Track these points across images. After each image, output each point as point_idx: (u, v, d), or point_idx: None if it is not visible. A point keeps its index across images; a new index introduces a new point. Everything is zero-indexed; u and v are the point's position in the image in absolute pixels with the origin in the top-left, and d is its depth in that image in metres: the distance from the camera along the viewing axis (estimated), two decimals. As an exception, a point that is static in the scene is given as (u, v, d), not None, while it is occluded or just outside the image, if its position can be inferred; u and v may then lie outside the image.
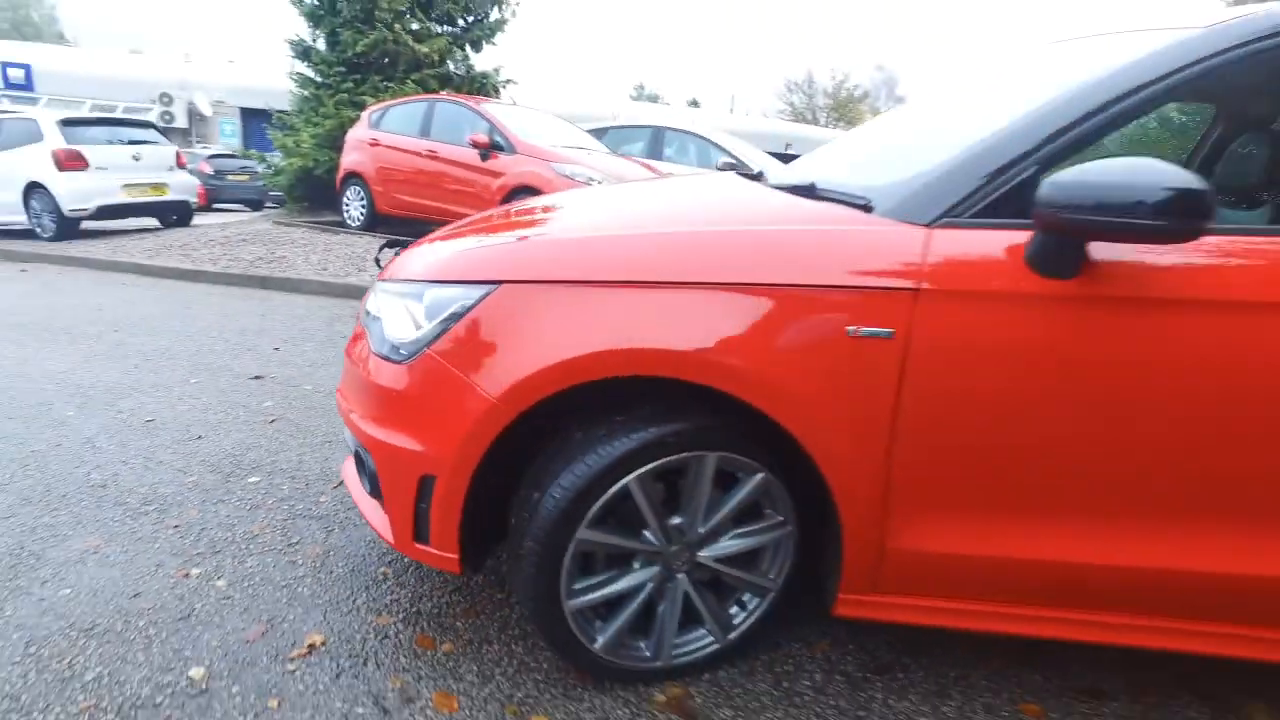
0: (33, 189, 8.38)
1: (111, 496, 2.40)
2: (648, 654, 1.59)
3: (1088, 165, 1.23)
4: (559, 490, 1.41)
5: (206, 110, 28.24)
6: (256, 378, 3.73)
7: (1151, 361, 1.31)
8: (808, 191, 1.61)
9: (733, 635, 1.63)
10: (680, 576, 1.56)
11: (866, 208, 1.43)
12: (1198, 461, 1.35)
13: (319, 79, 10.29)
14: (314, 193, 10.28)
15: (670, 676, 1.61)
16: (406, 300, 1.59)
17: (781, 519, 1.55)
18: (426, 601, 1.88)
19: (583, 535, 1.44)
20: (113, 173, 8.55)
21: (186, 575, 1.97)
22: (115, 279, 6.76)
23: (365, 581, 1.96)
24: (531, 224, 1.79)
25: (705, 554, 1.55)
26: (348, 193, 8.73)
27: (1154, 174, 1.17)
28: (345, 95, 9.90)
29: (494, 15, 11.09)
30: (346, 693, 1.56)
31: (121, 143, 8.87)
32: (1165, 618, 1.46)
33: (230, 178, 16.57)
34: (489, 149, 7.27)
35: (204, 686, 1.56)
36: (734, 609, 1.64)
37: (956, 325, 1.32)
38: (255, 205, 16.05)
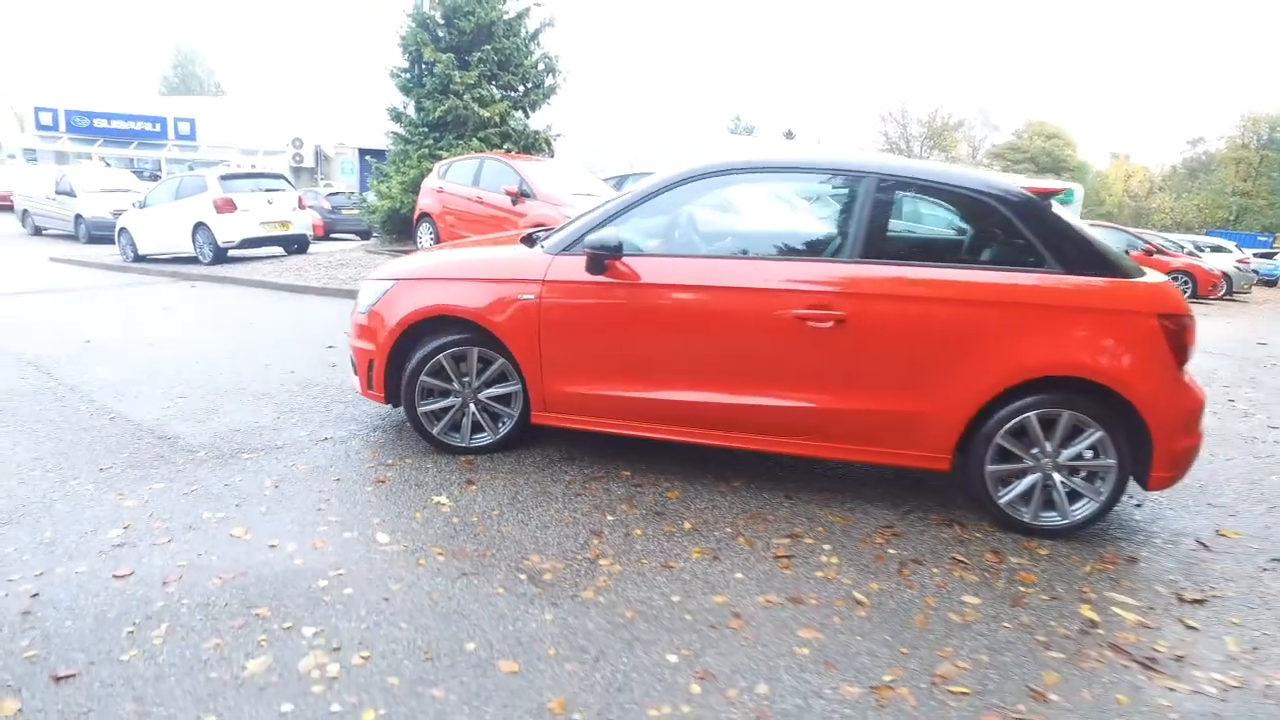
0: (198, 227, 11.41)
1: (246, 393, 4.68)
2: (459, 440, 3.64)
3: (600, 231, 3.22)
4: (415, 359, 3.51)
5: (330, 151, 32.62)
6: (330, 346, 6.05)
7: (637, 307, 3.26)
8: (530, 241, 3.65)
9: (499, 437, 3.65)
10: (471, 406, 3.60)
11: (542, 248, 3.46)
12: (666, 350, 3.26)
13: (408, 137, 13.04)
14: (400, 227, 12.98)
15: (469, 452, 3.65)
16: (370, 286, 3.74)
17: (514, 381, 3.56)
18: (379, 428, 4.01)
19: (423, 379, 3.52)
20: (253, 213, 11.47)
21: (278, 418, 4.18)
22: (250, 291, 9.48)
23: (357, 421, 4.11)
24: (423, 254, 3.92)
25: (483, 395, 3.59)
26: (421, 228, 11.28)
27: (611, 235, 3.15)
28: (426, 150, 12.57)
29: (548, 82, 13.57)
30: (335, 452, 3.69)
31: (260, 190, 11.83)
32: (684, 426, 3.34)
33: (344, 212, 19.87)
34: (518, 196, 9.57)
35: (281, 447, 3.73)
36: (500, 425, 3.66)
37: (558, 295, 3.32)
38: (364, 235, 19.11)
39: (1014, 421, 3.02)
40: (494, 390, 3.59)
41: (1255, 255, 27.71)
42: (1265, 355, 8.56)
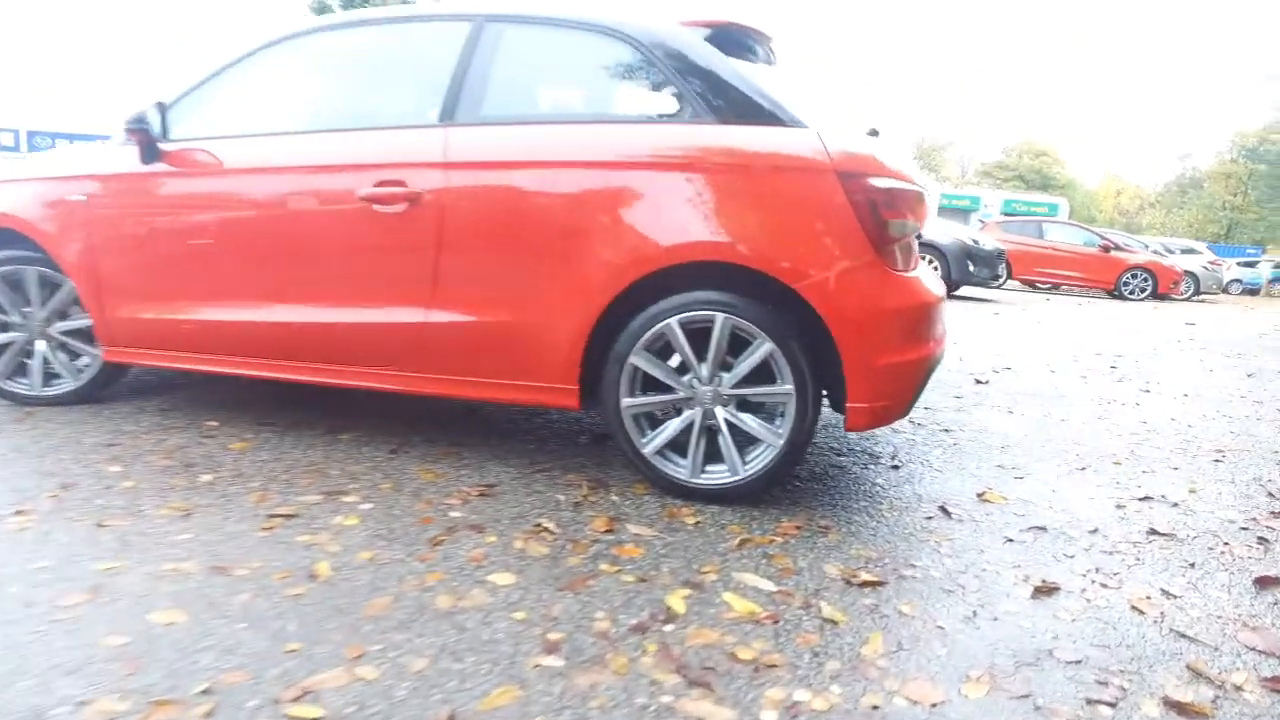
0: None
1: None
2: (26, 387, 2.84)
3: (146, 110, 2.46)
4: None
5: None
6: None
7: (196, 202, 2.51)
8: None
9: (83, 383, 2.84)
10: (41, 344, 2.82)
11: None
12: (234, 257, 2.48)
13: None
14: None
15: (42, 403, 2.86)
16: None
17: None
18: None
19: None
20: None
21: None
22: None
23: None
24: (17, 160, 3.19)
25: (55, 330, 2.80)
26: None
27: (152, 112, 2.41)
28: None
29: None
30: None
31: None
32: (266, 357, 2.53)
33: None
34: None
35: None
36: (85, 369, 2.87)
37: (110, 193, 2.58)
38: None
39: (652, 332, 2.18)
40: (70, 324, 2.82)
41: (1238, 264, 26.94)
42: (1183, 333, 7.73)
